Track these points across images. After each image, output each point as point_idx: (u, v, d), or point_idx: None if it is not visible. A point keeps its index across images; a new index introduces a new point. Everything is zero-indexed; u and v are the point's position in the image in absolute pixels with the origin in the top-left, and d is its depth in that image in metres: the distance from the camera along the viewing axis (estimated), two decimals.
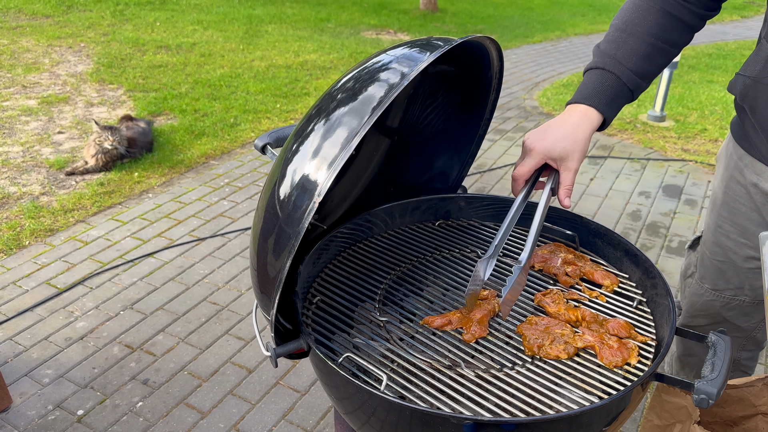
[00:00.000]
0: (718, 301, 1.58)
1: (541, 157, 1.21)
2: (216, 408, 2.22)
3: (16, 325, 2.61)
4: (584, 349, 1.16)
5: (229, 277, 2.98)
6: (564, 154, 1.20)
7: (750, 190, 1.39)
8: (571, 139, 1.19)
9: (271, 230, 1.04)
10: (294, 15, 9.37)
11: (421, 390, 1.08)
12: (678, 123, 5.30)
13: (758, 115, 1.29)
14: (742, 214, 1.43)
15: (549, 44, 8.48)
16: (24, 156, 4.24)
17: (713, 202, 1.55)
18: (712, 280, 1.57)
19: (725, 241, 1.49)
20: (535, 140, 1.22)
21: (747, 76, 1.30)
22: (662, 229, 3.52)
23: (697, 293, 1.63)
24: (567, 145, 1.19)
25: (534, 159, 1.22)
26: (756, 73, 1.27)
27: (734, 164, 1.44)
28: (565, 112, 1.25)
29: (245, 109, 5.24)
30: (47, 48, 6.91)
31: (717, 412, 1.47)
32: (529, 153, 1.22)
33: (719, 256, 1.53)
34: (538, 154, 1.21)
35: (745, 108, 1.34)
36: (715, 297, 1.58)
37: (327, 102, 1.05)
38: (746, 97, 1.32)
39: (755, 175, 1.37)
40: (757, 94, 1.27)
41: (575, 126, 1.21)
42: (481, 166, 4.31)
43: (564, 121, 1.22)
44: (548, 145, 1.20)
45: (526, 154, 1.23)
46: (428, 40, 1.10)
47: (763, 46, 1.28)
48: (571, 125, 1.21)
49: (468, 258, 1.50)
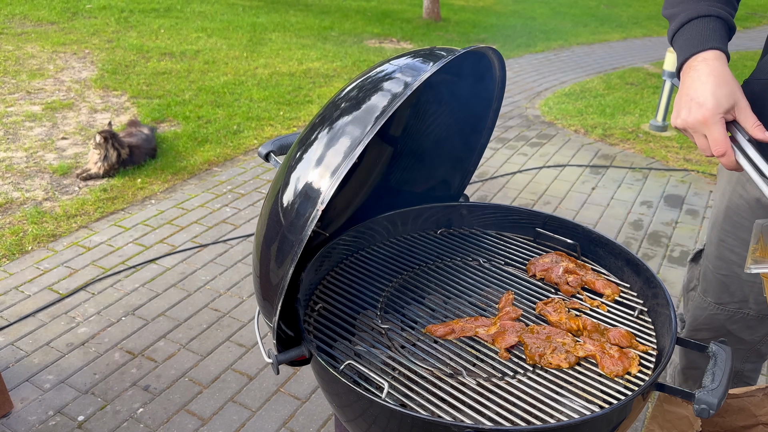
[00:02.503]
0: (722, 315, 1.57)
1: (719, 117, 1.09)
2: (216, 415, 2.22)
3: (17, 330, 2.61)
4: (585, 358, 1.16)
5: (231, 284, 2.98)
6: (732, 99, 1.10)
7: (752, 204, 1.40)
8: (726, 82, 1.09)
9: (274, 237, 1.04)
10: (297, 23, 9.42)
11: (423, 398, 1.08)
12: (680, 133, 5.31)
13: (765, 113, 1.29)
14: (746, 228, 1.43)
15: (551, 54, 8.51)
16: (28, 161, 4.26)
17: (715, 216, 1.54)
18: (715, 294, 1.57)
19: (729, 255, 1.49)
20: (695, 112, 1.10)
21: (761, 80, 1.28)
22: (664, 239, 3.52)
23: (700, 307, 1.63)
24: (728, 90, 1.09)
25: (715, 126, 1.09)
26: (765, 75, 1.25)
27: (737, 179, 1.44)
28: (693, 70, 1.13)
29: (248, 116, 5.26)
30: (52, 54, 6.95)
31: (718, 422, 1.47)
32: (705, 125, 1.10)
33: (723, 270, 1.52)
34: (714, 116, 1.09)
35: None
36: (718, 311, 1.57)
37: (331, 111, 1.06)
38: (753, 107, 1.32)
39: (758, 190, 1.37)
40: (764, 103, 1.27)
41: (718, 71, 1.11)
42: (483, 175, 4.31)
43: (705, 75, 1.11)
44: (713, 104, 1.09)
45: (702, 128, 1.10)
46: (431, 50, 1.11)
47: None
48: (714, 74, 1.10)
49: (470, 266, 1.50)
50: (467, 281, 1.43)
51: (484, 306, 1.35)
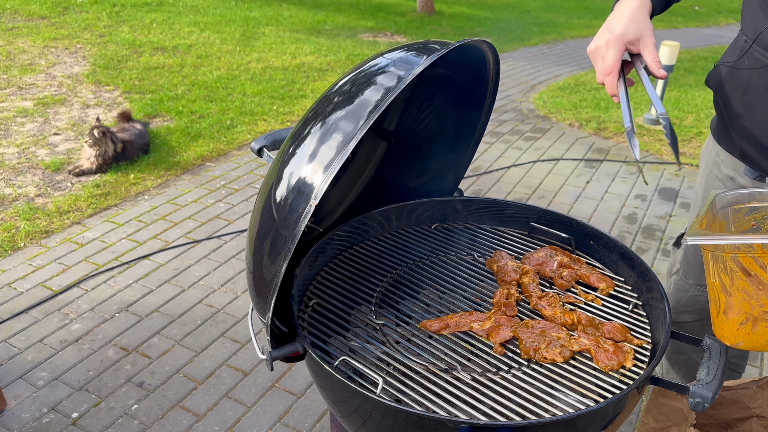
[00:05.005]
0: (703, 297, 1.60)
1: (620, 43, 1.22)
2: (211, 411, 2.22)
3: (10, 327, 2.60)
4: (580, 352, 1.16)
5: (225, 280, 2.97)
6: (638, 33, 1.22)
7: (727, 184, 1.44)
8: (638, 19, 1.23)
9: (267, 233, 1.04)
10: (291, 17, 9.37)
11: (417, 393, 1.07)
12: (674, 126, 5.32)
13: (729, 107, 1.34)
14: None
15: (545, 47, 8.50)
16: (19, 157, 4.23)
17: (695, 198, 1.60)
18: (696, 276, 1.60)
19: None
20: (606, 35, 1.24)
21: (725, 63, 1.35)
22: (658, 232, 3.53)
23: (682, 289, 1.66)
24: (638, 25, 1.22)
25: (615, 47, 1.22)
26: (734, 60, 1.32)
27: (713, 160, 1.49)
28: (617, 8, 1.28)
29: (242, 111, 5.23)
30: (43, 49, 6.89)
31: (712, 415, 1.48)
32: (607, 45, 1.23)
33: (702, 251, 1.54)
34: (616, 41, 1.22)
35: (719, 102, 1.37)
36: (700, 292, 1.60)
37: (324, 105, 1.05)
38: (720, 89, 1.36)
39: (731, 170, 1.42)
40: (732, 84, 1.31)
41: (634, 10, 1.24)
42: (477, 169, 4.31)
43: (624, 10, 1.25)
44: (621, 31, 1.22)
45: (605, 49, 1.24)
46: (425, 44, 1.10)
47: (740, 36, 1.33)
48: (631, 11, 1.24)
49: (464, 261, 1.50)
50: (462, 276, 1.43)
51: (478, 301, 1.34)
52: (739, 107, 1.32)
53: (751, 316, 1.02)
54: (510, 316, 1.25)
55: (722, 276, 1.04)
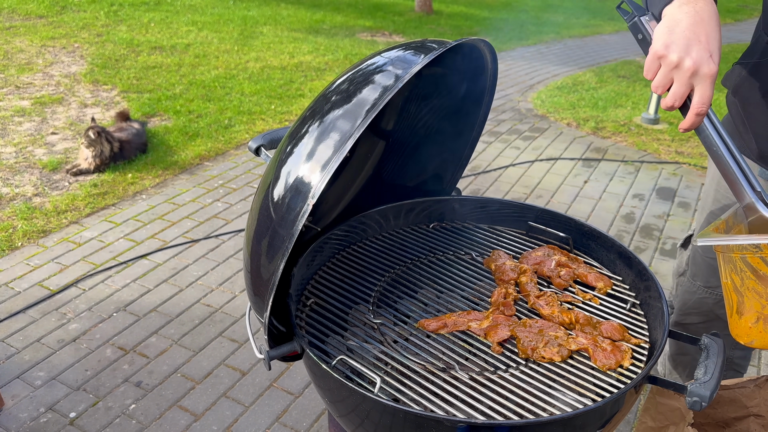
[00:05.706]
0: (711, 299, 1.59)
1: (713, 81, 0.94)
2: (209, 410, 2.21)
3: (8, 327, 2.59)
4: (578, 351, 1.16)
5: (223, 279, 2.97)
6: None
7: None
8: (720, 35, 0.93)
9: (264, 232, 1.03)
10: (289, 16, 9.36)
11: (415, 393, 1.07)
12: (672, 126, 5.33)
13: (748, 109, 1.30)
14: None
15: (543, 46, 8.50)
16: (17, 157, 4.22)
17: (704, 200, 1.57)
18: (704, 278, 1.59)
19: None
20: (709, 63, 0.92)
21: (747, 62, 1.30)
22: (656, 232, 3.53)
23: (689, 291, 1.65)
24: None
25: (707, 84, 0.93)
26: (754, 61, 1.28)
27: None
28: (691, 3, 0.95)
29: (240, 110, 5.22)
30: (41, 48, 6.88)
31: (710, 413, 1.48)
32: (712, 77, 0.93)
33: (711, 254, 1.54)
34: (713, 77, 0.93)
35: (736, 102, 1.35)
36: (707, 294, 1.60)
37: (321, 104, 1.05)
38: (740, 89, 1.33)
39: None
40: (752, 85, 1.28)
41: (716, 16, 0.93)
42: (475, 168, 4.31)
43: (707, 17, 0.94)
44: (719, 58, 0.93)
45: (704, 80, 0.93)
46: (423, 43, 1.10)
47: (761, 37, 1.28)
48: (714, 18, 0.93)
49: (462, 260, 1.50)
50: (460, 275, 1.43)
51: (476, 300, 1.34)
52: (759, 108, 1.28)
53: (762, 315, 1.03)
54: (508, 316, 1.25)
55: (733, 276, 1.05)
